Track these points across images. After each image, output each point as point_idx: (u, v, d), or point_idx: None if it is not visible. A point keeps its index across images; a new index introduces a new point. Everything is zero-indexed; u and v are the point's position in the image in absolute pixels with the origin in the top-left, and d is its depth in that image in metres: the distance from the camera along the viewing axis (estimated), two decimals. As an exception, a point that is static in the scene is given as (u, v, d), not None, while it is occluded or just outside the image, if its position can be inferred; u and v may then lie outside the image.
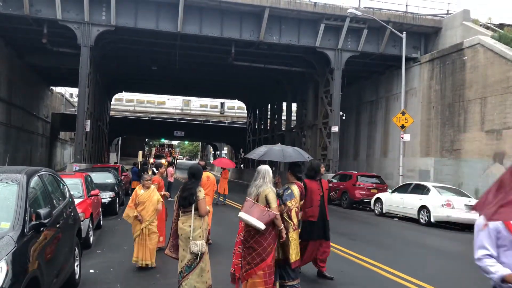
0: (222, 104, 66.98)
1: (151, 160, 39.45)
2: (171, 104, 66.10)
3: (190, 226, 5.35)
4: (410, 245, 11.12)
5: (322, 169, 6.99)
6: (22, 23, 21.79)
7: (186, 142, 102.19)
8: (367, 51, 24.62)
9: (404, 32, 21.97)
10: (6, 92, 25.22)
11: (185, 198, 5.42)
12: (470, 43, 20.25)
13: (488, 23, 24.03)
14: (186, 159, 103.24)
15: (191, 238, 5.27)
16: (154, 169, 17.51)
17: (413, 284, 7.21)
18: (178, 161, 49.04)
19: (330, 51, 24.32)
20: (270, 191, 5.26)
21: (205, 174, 9.71)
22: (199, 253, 5.28)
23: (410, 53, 23.85)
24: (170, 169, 21.69)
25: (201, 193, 5.42)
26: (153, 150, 62.27)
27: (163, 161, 34.93)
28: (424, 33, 24.83)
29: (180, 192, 5.58)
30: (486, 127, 19.02)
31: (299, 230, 6.21)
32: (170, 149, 66.72)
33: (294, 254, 5.69)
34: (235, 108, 67.15)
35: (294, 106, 37.99)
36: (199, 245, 5.27)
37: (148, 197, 7.64)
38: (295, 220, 5.77)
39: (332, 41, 24.23)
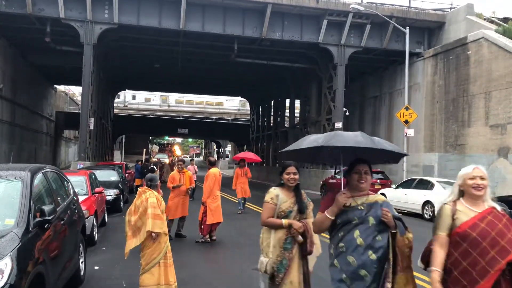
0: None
1: (154, 159, 39.57)
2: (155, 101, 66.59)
3: None
4: (414, 241, 11.10)
5: None
6: (25, 22, 21.85)
7: (190, 140, 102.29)
8: (370, 47, 24.53)
9: (408, 27, 21.87)
10: (10, 92, 25.31)
11: None
12: (474, 37, 20.12)
13: (492, 17, 23.86)
14: (190, 157, 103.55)
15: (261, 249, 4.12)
16: (154, 167, 17.57)
17: (417, 278, 7.17)
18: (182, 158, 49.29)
19: (333, 47, 24.24)
20: None
21: (216, 170, 9.78)
22: (259, 272, 4.03)
23: (413, 48, 23.73)
24: (191, 167, 18.70)
25: (268, 194, 4.18)
26: (153, 148, 62.46)
27: (166, 160, 35.12)
28: (428, 28, 24.69)
29: None
30: (490, 122, 18.92)
31: None
32: (170, 147, 67.94)
33: None
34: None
35: (297, 102, 37.93)
36: (259, 262, 3.99)
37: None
38: None
39: (335, 37, 24.14)
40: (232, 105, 67.91)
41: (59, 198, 5.71)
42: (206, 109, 67.32)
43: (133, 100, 64.83)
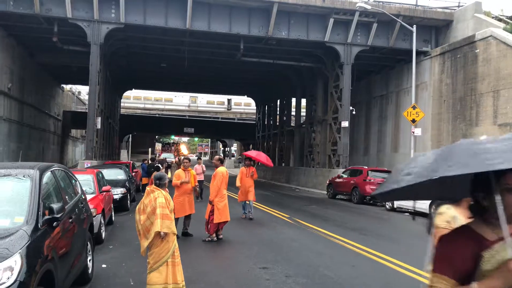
0: (229, 100, 66.56)
1: (160, 158, 39.79)
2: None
3: None
4: (421, 239, 11.04)
5: None
6: (33, 22, 22.00)
7: (196, 139, 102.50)
8: (377, 45, 24.43)
9: (415, 26, 21.74)
10: (18, 91, 25.50)
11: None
12: (482, 35, 19.96)
13: (501, 15, 23.66)
14: (196, 156, 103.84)
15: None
16: (160, 165, 17.64)
17: (424, 277, 7.15)
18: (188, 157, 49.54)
19: (340, 45, 24.17)
20: None
21: (223, 169, 9.79)
22: None
23: (420, 46, 23.61)
24: (198, 166, 18.00)
25: (440, 217, 3.22)
26: (156, 146, 62.28)
27: (173, 159, 35.32)
28: (435, 26, 24.55)
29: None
30: (499, 121, 18.78)
31: None
32: (176, 146, 67.94)
33: None
34: (242, 104, 67.01)
35: (303, 101, 37.85)
36: None
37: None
38: None
39: (341, 36, 24.07)
40: (182, 101, 67.25)
41: (67, 197, 5.74)
42: (203, 109, 67.21)
43: (80, 95, 58.97)
